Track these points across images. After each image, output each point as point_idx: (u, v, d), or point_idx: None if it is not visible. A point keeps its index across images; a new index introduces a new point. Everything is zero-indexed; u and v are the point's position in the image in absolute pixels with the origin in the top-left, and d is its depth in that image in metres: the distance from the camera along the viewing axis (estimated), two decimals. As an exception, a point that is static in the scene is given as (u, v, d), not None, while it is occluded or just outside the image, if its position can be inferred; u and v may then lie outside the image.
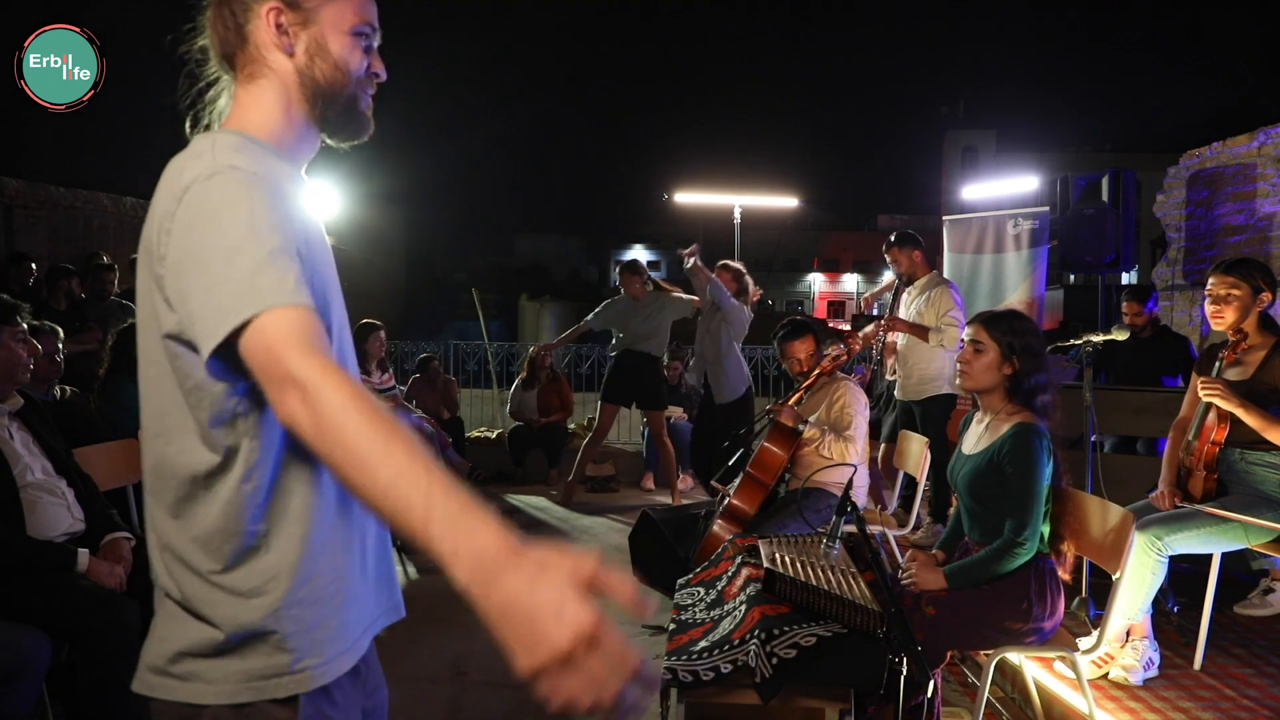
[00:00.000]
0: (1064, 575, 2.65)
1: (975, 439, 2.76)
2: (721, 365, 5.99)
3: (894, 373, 5.56)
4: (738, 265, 6.15)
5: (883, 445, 5.66)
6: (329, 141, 1.36)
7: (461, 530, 0.88)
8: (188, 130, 1.32)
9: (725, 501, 3.97)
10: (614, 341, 6.78)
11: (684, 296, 6.65)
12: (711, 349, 6.01)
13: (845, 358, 4.18)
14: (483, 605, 0.85)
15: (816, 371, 4.09)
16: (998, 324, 2.68)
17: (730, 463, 4.31)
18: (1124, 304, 5.48)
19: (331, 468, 0.98)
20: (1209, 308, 3.35)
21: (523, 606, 0.83)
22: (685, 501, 6.05)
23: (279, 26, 1.25)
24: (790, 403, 4.08)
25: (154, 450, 1.20)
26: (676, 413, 7.86)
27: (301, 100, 1.29)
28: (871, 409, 5.13)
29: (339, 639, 1.22)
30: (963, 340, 2.78)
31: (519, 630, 0.83)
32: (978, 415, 2.81)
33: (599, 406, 6.86)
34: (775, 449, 3.91)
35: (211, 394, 1.12)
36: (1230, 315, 3.29)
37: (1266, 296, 3.28)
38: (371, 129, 1.36)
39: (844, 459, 3.85)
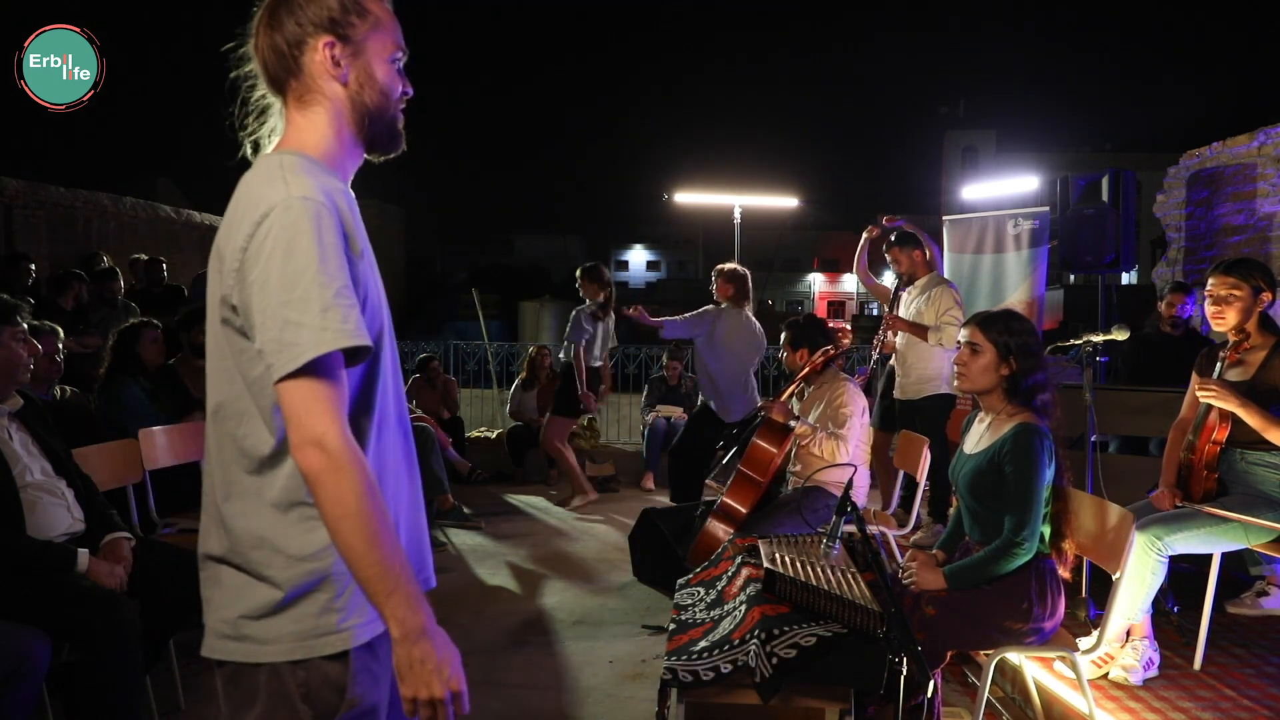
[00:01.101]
0: (1064, 574, 2.65)
1: (977, 438, 2.75)
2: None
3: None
4: (733, 267, 6.07)
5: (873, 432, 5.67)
6: (367, 156, 1.49)
7: (409, 609, 1.24)
8: (248, 152, 1.45)
9: (719, 499, 3.97)
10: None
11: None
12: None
13: (834, 352, 4.18)
14: (402, 652, 1.24)
15: (806, 368, 4.09)
16: (993, 325, 2.68)
17: (725, 460, 4.32)
18: (1169, 294, 5.44)
19: (324, 516, 1.24)
20: (1209, 308, 3.35)
21: (429, 662, 1.24)
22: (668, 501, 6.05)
23: (333, 59, 1.38)
24: (782, 398, 4.08)
25: (223, 431, 1.34)
26: (676, 412, 7.88)
27: (352, 123, 1.43)
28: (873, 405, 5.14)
29: None
30: (960, 341, 2.77)
31: (419, 674, 1.24)
32: (980, 415, 2.81)
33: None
34: (767, 445, 3.90)
35: (269, 385, 1.25)
36: (1231, 316, 3.28)
37: (1267, 296, 3.27)
38: (404, 144, 1.50)
39: (834, 458, 3.85)
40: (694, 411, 6.18)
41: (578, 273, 6.67)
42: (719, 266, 6.09)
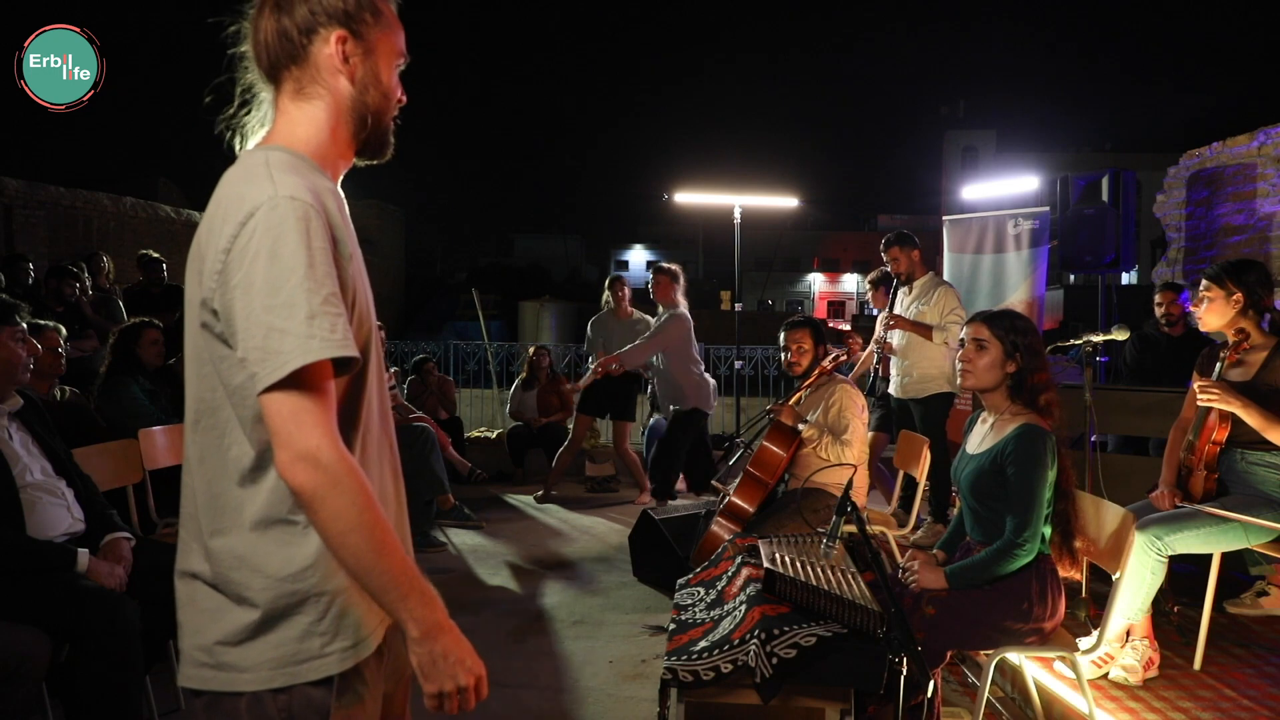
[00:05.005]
0: (1075, 576, 2.65)
1: (980, 439, 2.75)
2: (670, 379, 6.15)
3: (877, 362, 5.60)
4: (671, 267, 6.31)
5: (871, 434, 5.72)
6: (356, 160, 1.44)
7: (426, 607, 1.23)
8: (236, 144, 1.38)
9: (725, 500, 3.98)
10: (590, 356, 6.99)
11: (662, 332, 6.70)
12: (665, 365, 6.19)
13: (845, 359, 4.20)
14: (423, 651, 1.23)
15: (816, 371, 4.10)
16: (999, 322, 2.68)
17: (731, 462, 4.32)
18: (1158, 294, 5.45)
19: (325, 534, 1.19)
20: (1191, 309, 3.43)
21: (451, 655, 1.25)
22: (685, 501, 6.06)
23: (344, 55, 1.34)
24: (790, 403, 4.09)
25: (205, 442, 1.27)
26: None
27: (350, 123, 1.37)
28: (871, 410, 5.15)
29: (365, 622, 1.31)
30: (962, 339, 2.77)
31: (443, 668, 1.24)
32: (982, 415, 2.81)
33: (574, 417, 7.07)
34: (775, 448, 3.91)
35: (252, 394, 1.19)
36: (1208, 318, 3.38)
37: (1240, 298, 3.30)
38: (392, 151, 1.45)
39: (839, 459, 3.86)
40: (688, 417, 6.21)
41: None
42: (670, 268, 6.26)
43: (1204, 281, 3.38)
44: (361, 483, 1.19)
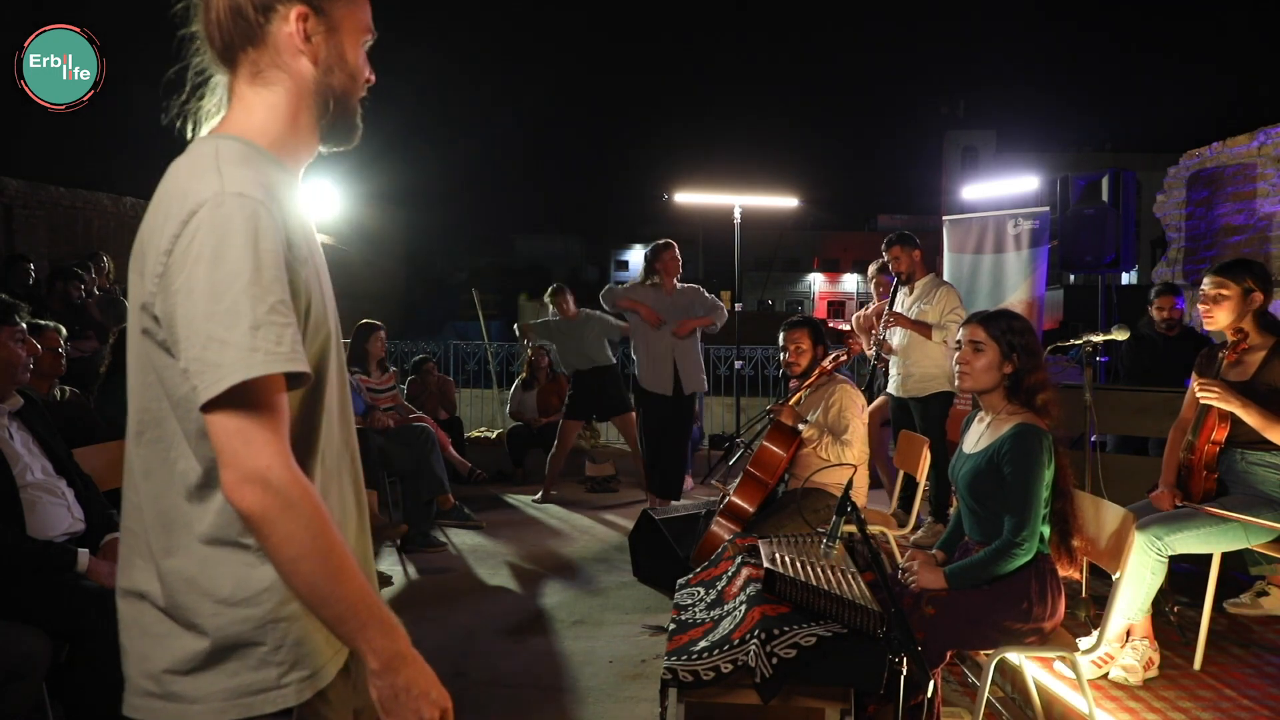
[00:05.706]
0: (1074, 574, 2.65)
1: (976, 438, 2.75)
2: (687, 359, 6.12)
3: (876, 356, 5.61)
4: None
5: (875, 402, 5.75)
6: (320, 148, 1.35)
7: (385, 638, 1.16)
8: (189, 132, 1.28)
9: (725, 500, 3.98)
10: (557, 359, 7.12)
11: (609, 319, 6.84)
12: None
13: (846, 358, 4.20)
14: (384, 684, 1.16)
15: (816, 371, 4.10)
16: (996, 323, 2.68)
17: (730, 462, 4.32)
18: (1159, 297, 5.43)
19: (276, 560, 1.11)
20: (1200, 308, 3.39)
21: (414, 688, 1.17)
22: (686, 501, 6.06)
23: (305, 33, 1.23)
24: (790, 403, 4.09)
25: (150, 455, 1.19)
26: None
27: (313, 107, 1.27)
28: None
29: (324, 650, 1.22)
30: (959, 340, 2.77)
31: (406, 702, 1.16)
32: (979, 415, 2.81)
33: (560, 424, 7.03)
34: (775, 448, 3.91)
35: (196, 407, 1.10)
36: (1220, 316, 3.33)
37: (1258, 296, 3.29)
38: (359, 136, 1.35)
39: (839, 459, 3.87)
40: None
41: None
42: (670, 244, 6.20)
43: (1216, 279, 3.33)
44: (315, 505, 1.10)
